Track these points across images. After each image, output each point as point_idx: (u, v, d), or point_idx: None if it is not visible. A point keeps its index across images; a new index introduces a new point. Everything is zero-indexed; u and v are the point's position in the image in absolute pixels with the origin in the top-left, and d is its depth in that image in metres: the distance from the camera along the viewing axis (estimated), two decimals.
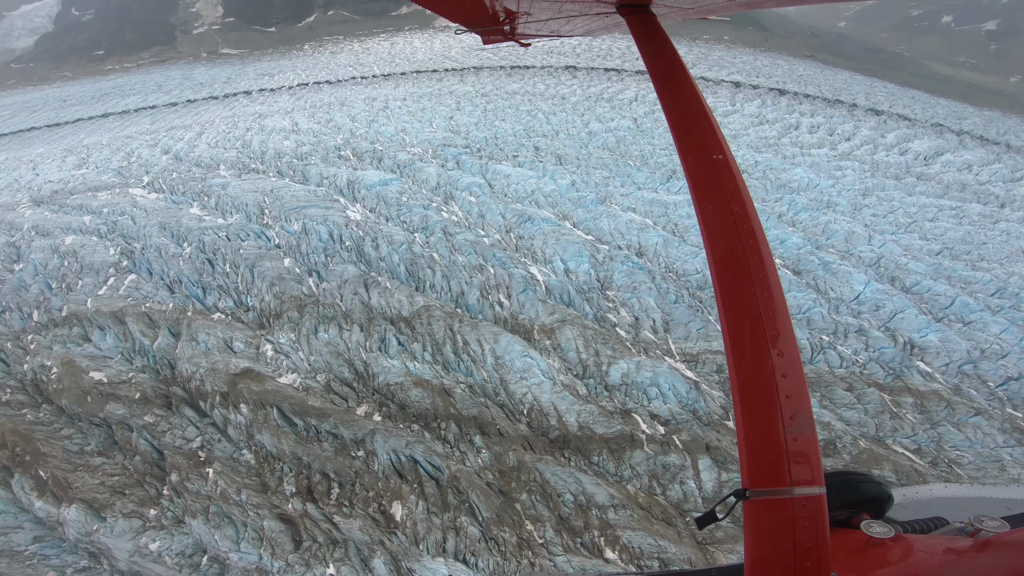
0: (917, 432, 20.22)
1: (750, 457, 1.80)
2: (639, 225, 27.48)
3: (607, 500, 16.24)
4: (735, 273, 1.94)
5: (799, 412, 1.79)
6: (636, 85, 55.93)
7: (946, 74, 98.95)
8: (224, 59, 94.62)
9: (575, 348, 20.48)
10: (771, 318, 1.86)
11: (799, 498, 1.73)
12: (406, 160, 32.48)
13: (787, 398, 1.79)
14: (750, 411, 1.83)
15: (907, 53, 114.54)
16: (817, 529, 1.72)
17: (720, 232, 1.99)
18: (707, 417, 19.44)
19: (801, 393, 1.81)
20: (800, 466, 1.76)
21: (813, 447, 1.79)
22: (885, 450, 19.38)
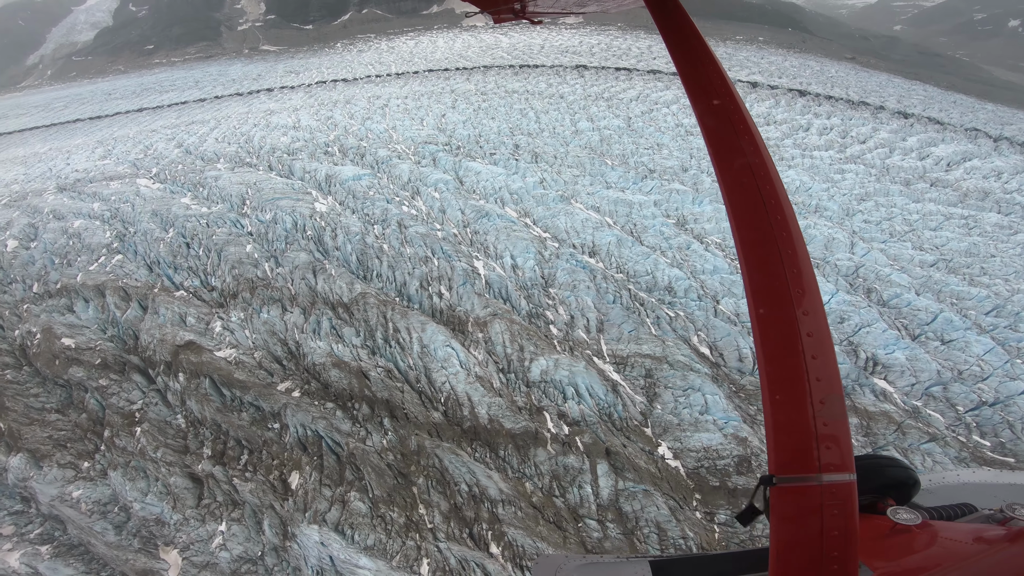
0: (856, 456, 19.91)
1: (778, 443, 1.76)
2: (596, 224, 27.99)
3: (500, 495, 16.93)
4: (763, 250, 1.85)
5: (830, 395, 1.73)
6: (643, 84, 55.80)
7: (1008, 80, 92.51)
8: (263, 56, 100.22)
9: (503, 342, 21.35)
10: (799, 295, 1.79)
11: (828, 485, 1.69)
12: (385, 156, 34.21)
13: (817, 380, 1.73)
14: (778, 394, 1.77)
15: (966, 58, 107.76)
16: (846, 517, 1.68)
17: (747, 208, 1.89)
18: (621, 421, 19.68)
19: (832, 375, 1.75)
20: (830, 451, 1.71)
21: (844, 432, 1.75)
22: None
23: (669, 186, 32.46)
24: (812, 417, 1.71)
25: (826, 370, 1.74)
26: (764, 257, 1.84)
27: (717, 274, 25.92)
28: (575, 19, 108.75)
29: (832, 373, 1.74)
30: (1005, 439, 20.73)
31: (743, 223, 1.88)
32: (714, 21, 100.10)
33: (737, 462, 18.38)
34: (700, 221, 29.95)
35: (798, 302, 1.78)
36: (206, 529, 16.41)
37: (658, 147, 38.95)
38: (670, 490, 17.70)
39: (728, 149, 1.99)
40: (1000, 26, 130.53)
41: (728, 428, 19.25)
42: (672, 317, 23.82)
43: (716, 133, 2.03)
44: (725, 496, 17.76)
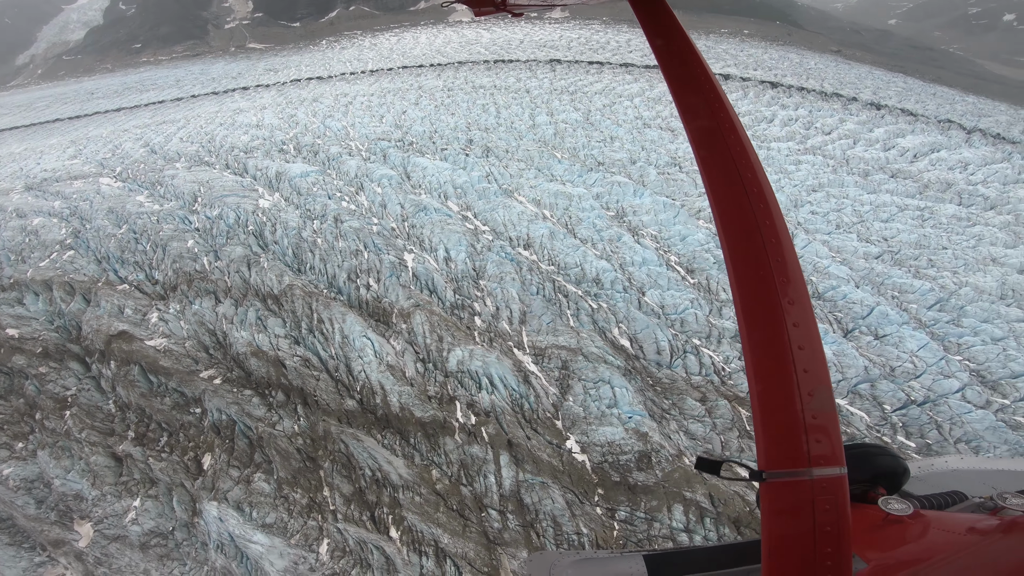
0: None
1: (767, 437, 1.75)
2: (532, 217, 29.17)
3: (402, 481, 17.91)
4: (746, 242, 1.87)
5: (818, 388, 1.72)
6: (611, 78, 56.83)
7: (1000, 74, 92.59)
8: (248, 54, 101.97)
9: (423, 332, 22.59)
10: (784, 286, 1.79)
11: (819, 479, 1.67)
12: (336, 153, 35.60)
13: (805, 372, 1.71)
14: (765, 388, 1.76)
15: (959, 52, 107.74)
16: (838, 511, 1.67)
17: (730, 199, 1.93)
18: (532, 413, 20.48)
19: (820, 367, 1.73)
20: (820, 444, 1.69)
21: (833, 424, 1.72)
22: None
23: (612, 179, 33.56)
24: (800, 410, 1.69)
25: (814, 361, 1.73)
26: (748, 247, 1.85)
27: (645, 266, 26.98)
28: (560, 14, 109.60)
29: (820, 364, 1.73)
30: (932, 440, 20.82)
31: (727, 215, 1.91)
32: (700, 14, 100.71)
33: (638, 458, 18.85)
34: (639, 213, 31.03)
35: (783, 291, 1.78)
36: (121, 504, 17.80)
37: (611, 140, 40.03)
38: (571, 484, 18.32)
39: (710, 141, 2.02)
40: (995, 20, 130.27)
41: (631, 423, 19.82)
42: (595, 309, 24.91)
43: (699, 128, 2.05)
44: (626, 492, 18.20)
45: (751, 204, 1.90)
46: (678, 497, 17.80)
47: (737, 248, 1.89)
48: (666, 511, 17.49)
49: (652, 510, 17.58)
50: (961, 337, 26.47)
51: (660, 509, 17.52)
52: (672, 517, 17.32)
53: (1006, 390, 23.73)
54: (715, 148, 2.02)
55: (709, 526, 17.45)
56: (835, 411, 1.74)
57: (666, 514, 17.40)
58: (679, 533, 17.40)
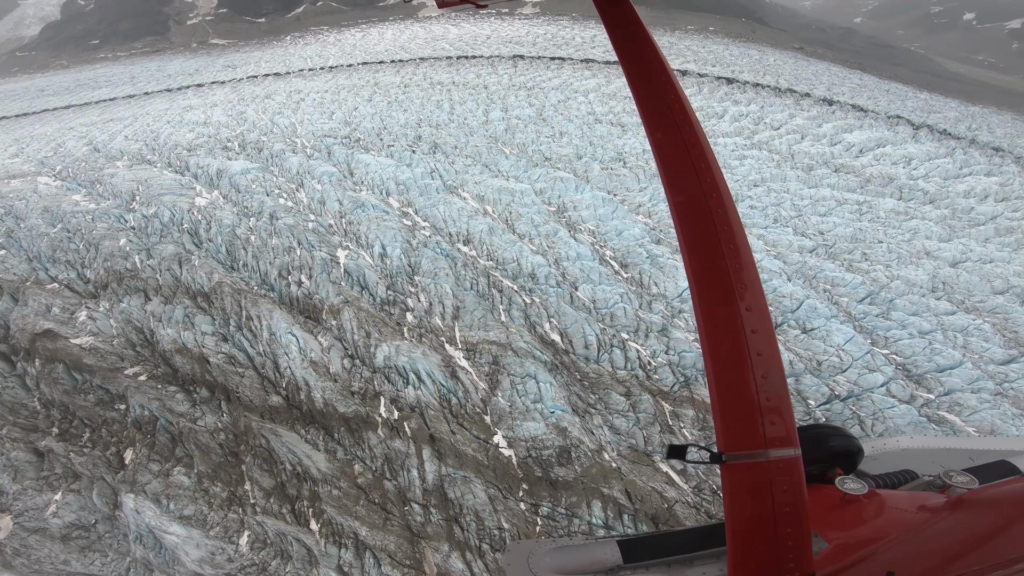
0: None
1: (724, 419, 1.80)
2: (472, 212, 29.90)
3: (321, 475, 18.40)
4: (700, 228, 1.91)
5: (771, 370, 1.77)
6: (570, 73, 57.87)
7: (957, 71, 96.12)
8: (209, 50, 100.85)
9: (351, 328, 23.15)
10: (738, 271, 1.84)
11: (775, 461, 1.74)
12: (280, 151, 35.94)
13: (758, 355, 1.77)
14: (721, 371, 1.81)
15: (920, 50, 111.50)
16: (795, 492, 1.74)
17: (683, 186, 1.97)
18: (459, 407, 21.04)
19: (772, 350, 1.79)
20: (775, 425, 1.75)
21: (787, 405, 1.78)
22: (635, 467, 19.39)
23: (556, 174, 34.46)
24: (755, 392, 1.75)
25: (766, 344, 1.80)
26: (702, 232, 1.91)
27: (579, 261, 27.86)
28: (531, 10, 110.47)
29: (772, 347, 1.80)
30: None
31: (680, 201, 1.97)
32: (668, 10, 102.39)
33: (559, 453, 19.33)
34: (579, 208, 31.96)
35: (737, 277, 1.84)
36: (42, 498, 18.11)
37: (561, 135, 40.95)
38: (495, 479, 18.78)
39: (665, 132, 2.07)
40: (956, 19, 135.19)
41: (553, 418, 20.37)
42: (528, 304, 25.69)
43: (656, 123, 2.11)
44: (548, 488, 18.70)
45: (703, 188, 1.95)
46: (596, 493, 18.46)
47: (692, 236, 1.95)
48: (585, 507, 18.12)
49: (572, 506, 18.22)
50: (889, 331, 27.37)
51: (580, 505, 18.16)
52: (591, 513, 17.96)
53: (931, 384, 24.69)
54: (670, 133, 2.09)
55: (627, 522, 18.02)
56: (788, 393, 1.82)
57: (585, 510, 18.04)
58: (598, 529, 17.98)
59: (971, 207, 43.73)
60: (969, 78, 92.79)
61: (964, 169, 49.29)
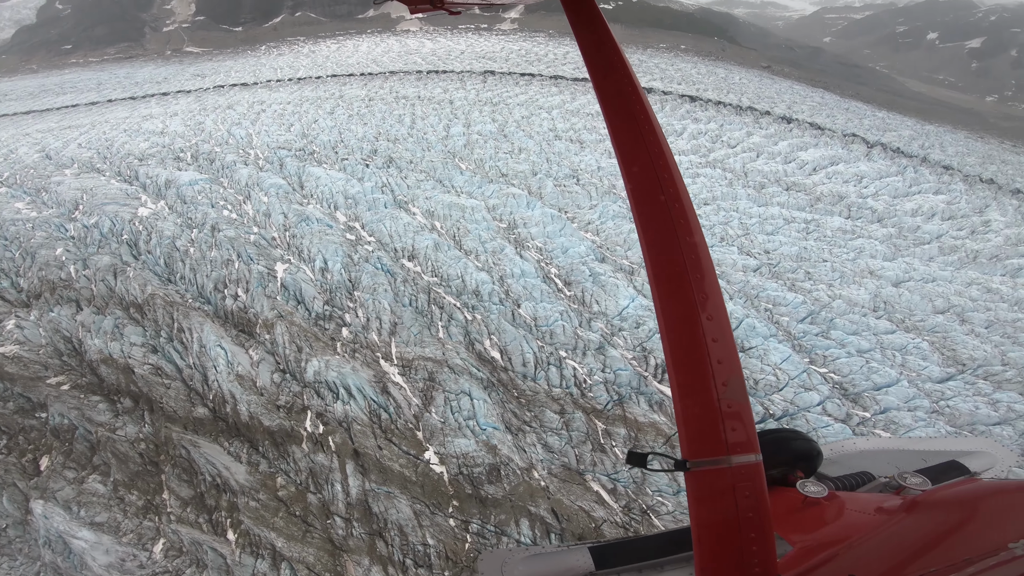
0: (619, 469, 20.27)
1: (688, 427, 1.85)
2: (418, 228, 30.27)
3: (239, 486, 18.42)
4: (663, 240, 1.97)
5: (731, 378, 1.83)
6: (537, 89, 58.96)
7: (918, 91, 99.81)
8: (182, 58, 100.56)
9: (283, 343, 23.26)
10: (699, 281, 1.90)
11: (737, 467, 1.79)
12: (231, 162, 36.12)
13: (719, 363, 1.83)
14: (685, 379, 1.86)
15: (885, 70, 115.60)
16: (757, 497, 1.79)
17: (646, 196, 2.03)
18: (389, 423, 21.08)
19: (732, 358, 1.84)
20: (736, 432, 1.81)
21: (747, 412, 1.84)
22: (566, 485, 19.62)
23: (509, 190, 35.05)
24: (717, 399, 1.80)
25: (726, 352, 1.84)
26: (665, 244, 1.96)
27: (524, 278, 28.25)
28: (509, 26, 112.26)
29: (732, 355, 1.84)
30: None
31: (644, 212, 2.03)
32: (642, 28, 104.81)
33: (488, 470, 19.57)
34: (528, 225, 32.52)
35: (698, 287, 1.89)
36: None
37: (519, 151, 41.69)
38: (422, 494, 18.95)
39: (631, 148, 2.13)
40: (919, 39, 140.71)
41: (484, 435, 20.61)
42: (470, 320, 25.98)
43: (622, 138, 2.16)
44: (478, 505, 18.90)
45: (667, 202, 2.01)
46: (524, 511, 18.73)
47: (656, 246, 1.99)
48: (514, 524, 18.38)
49: (501, 523, 18.43)
50: (828, 350, 27.94)
51: (508, 523, 18.41)
52: (520, 531, 18.20)
53: (867, 403, 25.29)
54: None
55: (555, 541, 18.13)
56: (748, 400, 1.87)
57: (514, 528, 18.30)
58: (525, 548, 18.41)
59: (917, 226, 45.12)
60: (929, 97, 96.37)
61: (913, 187, 50.98)
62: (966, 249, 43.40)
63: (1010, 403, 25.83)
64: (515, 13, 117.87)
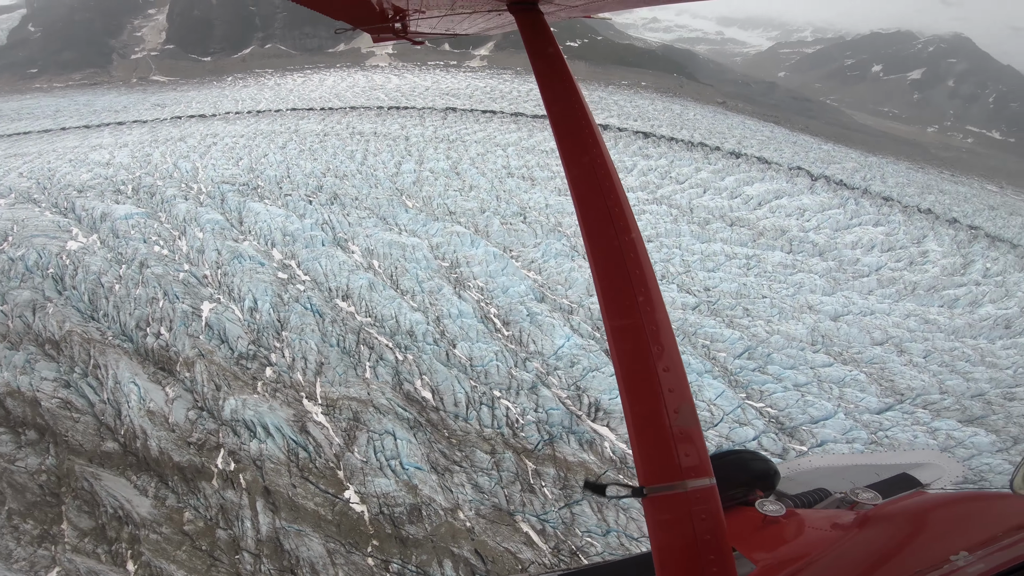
0: (548, 510, 20.13)
1: (643, 454, 1.90)
2: (354, 267, 30.16)
3: (142, 520, 18.03)
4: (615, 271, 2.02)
5: (683, 405, 1.90)
6: (496, 127, 60.11)
7: (864, 123, 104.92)
8: (147, 86, 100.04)
9: (202, 381, 22.78)
10: (650, 313, 1.97)
11: (692, 491, 1.83)
12: (171, 196, 35.77)
13: (670, 392, 1.89)
14: (638, 408, 1.91)
15: (834, 103, 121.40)
16: (713, 519, 1.83)
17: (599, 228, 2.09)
18: (307, 462, 20.68)
19: (683, 386, 1.91)
20: (689, 457, 1.85)
21: (699, 438, 1.89)
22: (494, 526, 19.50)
23: (453, 228, 35.29)
24: (669, 426, 1.86)
25: (677, 381, 1.92)
26: (614, 272, 2.02)
27: (461, 318, 28.19)
28: (478, 63, 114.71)
29: (682, 383, 1.92)
30: None
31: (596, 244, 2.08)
32: (606, 66, 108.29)
33: (409, 510, 19.46)
34: (471, 264, 32.65)
35: (648, 318, 1.96)
36: None
37: (470, 189, 42.18)
38: (337, 533, 18.76)
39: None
40: (865, 71, 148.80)
41: (405, 475, 20.49)
42: (401, 360, 25.78)
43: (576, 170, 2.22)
44: (398, 545, 18.76)
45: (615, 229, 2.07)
46: (447, 552, 18.54)
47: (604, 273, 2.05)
48: (436, 565, 18.20)
49: (423, 564, 18.25)
50: (764, 384, 28.29)
51: (430, 564, 18.23)
52: (443, 572, 18.04)
53: (804, 436, 25.64)
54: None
55: None
56: (699, 426, 1.93)
57: (436, 568, 18.13)
58: None
59: (857, 258, 46.53)
60: (875, 129, 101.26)
61: (854, 220, 52.70)
62: (904, 281, 44.82)
63: (949, 431, 26.62)
64: (484, 51, 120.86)
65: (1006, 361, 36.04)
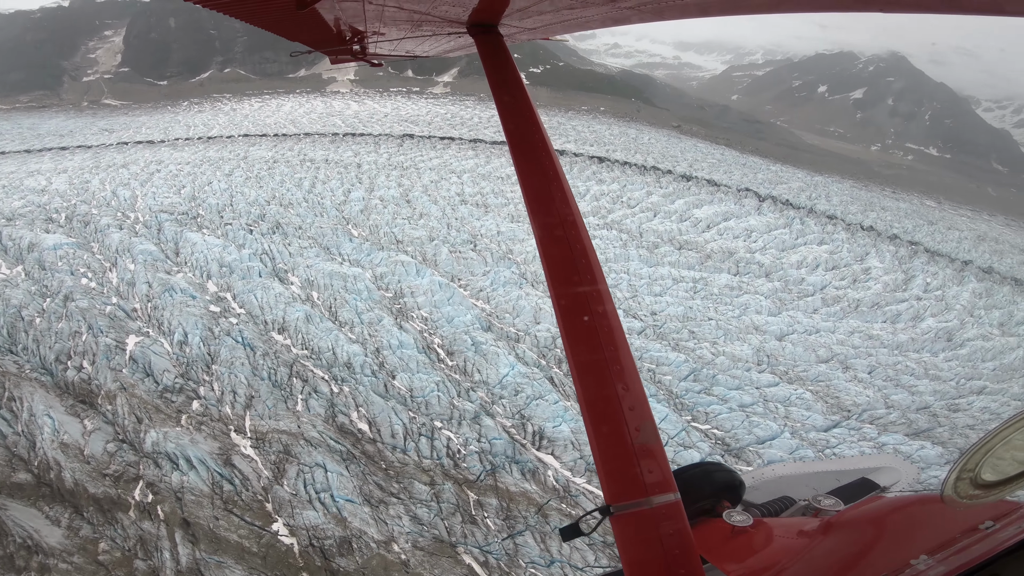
0: (490, 541, 19.84)
1: (607, 473, 1.93)
2: (291, 299, 29.66)
3: (52, 549, 17.41)
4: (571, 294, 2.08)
5: (643, 423, 1.94)
6: (453, 153, 60.64)
7: (812, 143, 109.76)
8: (98, 110, 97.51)
9: (123, 414, 22.11)
10: (608, 334, 2.01)
11: (658, 507, 1.87)
12: (105, 225, 34.78)
13: (631, 410, 1.93)
14: (600, 428, 1.94)
15: (784, 124, 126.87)
16: (681, 534, 1.86)
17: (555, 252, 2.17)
18: (231, 494, 20.32)
19: (643, 404, 1.96)
20: (652, 473, 1.90)
21: (661, 454, 1.93)
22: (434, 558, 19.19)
23: (398, 258, 35.12)
24: (631, 444, 1.90)
25: (636, 399, 1.96)
26: (573, 296, 2.08)
27: (401, 349, 27.83)
28: (441, 89, 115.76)
29: (642, 401, 1.97)
30: None
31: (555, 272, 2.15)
32: (567, 91, 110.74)
33: (339, 543, 19.14)
34: (416, 294, 32.44)
35: (607, 340, 2.01)
36: None
37: (420, 217, 42.18)
38: (262, 565, 18.29)
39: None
40: (812, 92, 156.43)
41: (335, 507, 20.14)
42: (336, 393, 25.32)
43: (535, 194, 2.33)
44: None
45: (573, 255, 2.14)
46: None
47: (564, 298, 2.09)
48: None
49: None
50: (709, 406, 28.47)
51: None
52: None
53: (750, 456, 25.76)
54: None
55: None
56: (660, 442, 1.96)
57: None
58: None
59: (802, 278, 47.98)
60: (821, 148, 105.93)
61: (799, 239, 54.56)
62: (848, 299, 46.37)
63: (896, 445, 27.21)
64: (448, 77, 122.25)
65: (949, 373, 37.49)
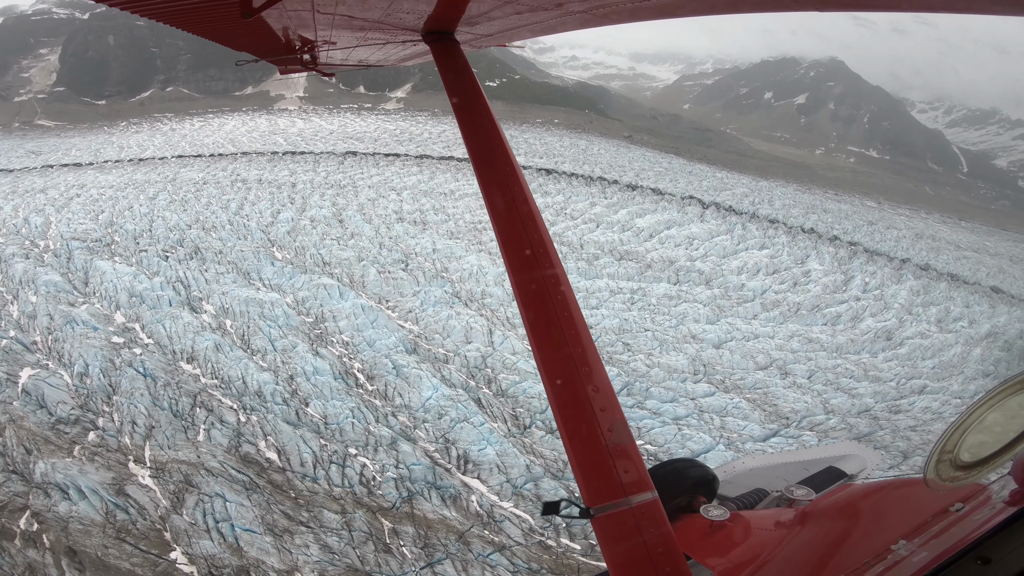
0: (407, 570, 19.49)
1: (584, 476, 1.94)
2: (200, 328, 28.79)
3: None
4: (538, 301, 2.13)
5: (615, 423, 1.95)
6: (396, 170, 60.33)
7: (759, 149, 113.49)
8: (27, 132, 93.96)
9: (12, 445, 21.31)
10: (575, 337, 2.07)
11: (637, 507, 1.87)
12: (10, 254, 33.43)
13: (602, 411, 1.96)
14: (573, 430, 1.97)
15: (732, 131, 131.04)
16: (662, 531, 1.87)
17: (519, 259, 2.21)
18: (125, 523, 19.48)
19: (613, 404, 1.99)
20: (628, 473, 1.90)
21: (635, 453, 1.95)
22: None
23: (321, 281, 34.50)
24: (605, 445, 1.90)
25: (607, 399, 1.99)
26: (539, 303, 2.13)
27: (316, 376, 27.13)
28: (394, 105, 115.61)
29: (612, 402, 1.99)
30: (594, 540, 20.51)
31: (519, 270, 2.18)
32: (522, 104, 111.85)
33: (236, 572, 18.59)
34: (337, 318, 31.77)
35: (574, 343, 2.05)
36: None
37: (351, 237, 41.64)
38: None
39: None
40: (758, 99, 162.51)
41: (232, 537, 19.57)
42: (243, 422, 24.55)
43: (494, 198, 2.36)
44: None
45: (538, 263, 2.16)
46: None
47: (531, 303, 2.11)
48: None
49: None
50: (641, 420, 27.94)
51: None
52: None
53: None
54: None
55: None
56: (634, 441, 1.95)
57: None
58: None
59: (742, 284, 48.95)
60: (768, 154, 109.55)
61: (741, 245, 55.78)
62: (788, 303, 47.42)
63: None
64: (402, 92, 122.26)
65: (889, 374, 38.43)
